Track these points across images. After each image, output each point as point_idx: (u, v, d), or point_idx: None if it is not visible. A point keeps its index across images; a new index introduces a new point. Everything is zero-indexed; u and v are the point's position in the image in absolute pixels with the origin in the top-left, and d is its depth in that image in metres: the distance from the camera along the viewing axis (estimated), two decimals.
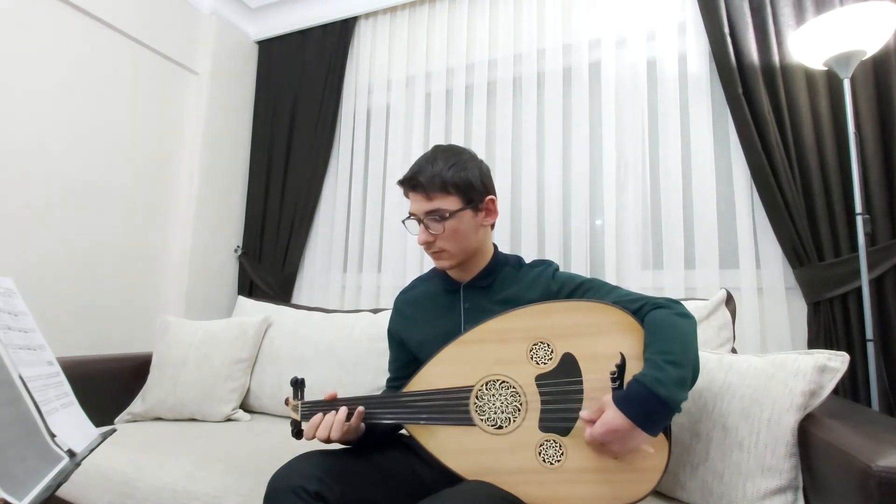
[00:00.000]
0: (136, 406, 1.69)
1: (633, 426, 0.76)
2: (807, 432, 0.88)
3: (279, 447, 1.33)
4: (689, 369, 0.80)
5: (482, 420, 0.89)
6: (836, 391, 1.39)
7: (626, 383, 0.80)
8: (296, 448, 1.31)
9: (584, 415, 0.82)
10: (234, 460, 1.20)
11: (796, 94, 1.57)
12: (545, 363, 0.88)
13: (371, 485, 0.90)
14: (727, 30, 1.65)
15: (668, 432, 0.82)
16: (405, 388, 0.96)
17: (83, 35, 1.94)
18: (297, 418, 0.99)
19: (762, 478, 0.89)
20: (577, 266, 1.84)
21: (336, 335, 1.73)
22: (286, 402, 1.03)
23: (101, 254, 2.00)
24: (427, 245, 1.00)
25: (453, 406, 0.91)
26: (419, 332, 1.07)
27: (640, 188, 1.80)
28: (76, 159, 1.91)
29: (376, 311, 1.80)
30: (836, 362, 0.90)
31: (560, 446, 0.84)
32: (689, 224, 1.74)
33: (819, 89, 1.55)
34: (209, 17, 2.41)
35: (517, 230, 1.99)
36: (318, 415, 0.93)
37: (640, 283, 1.75)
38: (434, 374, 0.94)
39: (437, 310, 1.07)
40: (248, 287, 2.44)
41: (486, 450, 0.87)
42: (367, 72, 2.38)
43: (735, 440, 0.94)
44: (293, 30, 2.52)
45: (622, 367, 0.83)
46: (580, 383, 0.85)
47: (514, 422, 0.87)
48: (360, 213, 2.33)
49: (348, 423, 0.91)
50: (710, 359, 1.07)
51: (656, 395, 0.75)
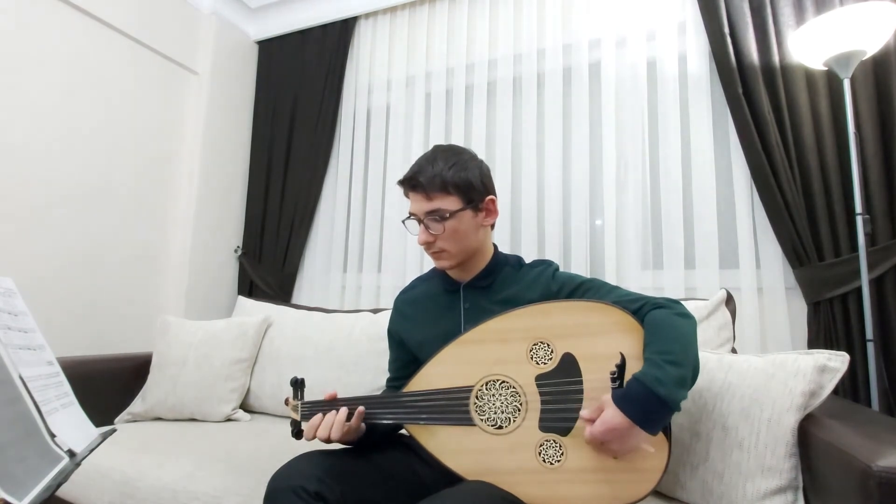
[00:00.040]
0: (136, 406, 1.69)
1: (632, 425, 0.76)
2: (807, 432, 0.88)
3: (279, 447, 1.33)
4: (688, 369, 0.80)
5: (482, 420, 0.89)
6: (836, 391, 1.39)
7: (626, 382, 0.80)
8: (296, 448, 1.31)
9: (584, 414, 0.82)
10: (234, 460, 1.20)
11: (796, 94, 1.57)
12: (545, 363, 0.88)
13: (371, 485, 0.90)
14: (727, 30, 1.65)
15: (668, 432, 0.82)
16: (405, 388, 0.96)
17: (83, 35, 1.94)
18: (297, 418, 0.99)
19: (762, 478, 0.89)
20: (577, 266, 1.84)
21: (336, 335, 1.73)
22: (286, 402, 1.03)
23: (102, 254, 2.00)
24: (427, 245, 1.00)
25: (453, 406, 0.91)
26: (419, 332, 1.07)
27: (640, 188, 1.80)
28: (76, 159, 1.91)
29: (376, 311, 1.80)
30: (836, 362, 0.90)
31: (560, 446, 0.84)
32: (689, 224, 1.74)
33: (819, 89, 1.55)
34: (209, 17, 2.41)
35: (517, 230, 1.99)
36: (318, 415, 0.93)
37: (640, 283, 1.75)
38: (434, 374, 0.94)
39: (437, 310, 1.07)
40: (248, 287, 2.44)
41: (486, 450, 0.87)
42: (367, 72, 2.38)
43: (735, 440, 0.94)
44: (293, 30, 2.52)
45: (622, 367, 0.83)
46: (580, 383, 0.85)
47: (514, 422, 0.87)
48: (360, 213, 2.33)
49: (348, 424, 0.91)
50: (710, 359, 1.07)
51: (656, 394, 0.75)
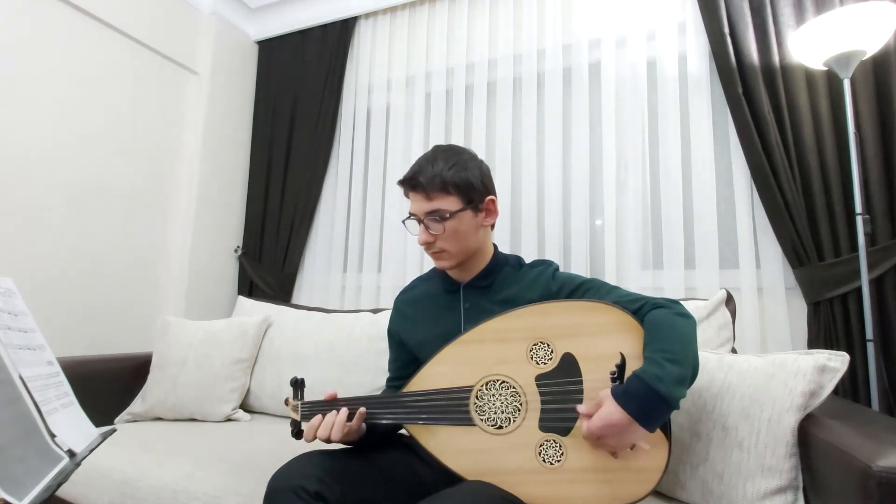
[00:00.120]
0: (136, 406, 1.69)
1: (631, 421, 0.76)
2: (807, 432, 0.88)
3: (279, 447, 1.33)
4: (688, 368, 0.80)
5: (482, 420, 0.89)
6: (836, 391, 1.39)
7: (626, 379, 0.80)
8: (296, 448, 1.31)
9: (581, 409, 0.81)
10: (234, 460, 1.20)
11: (796, 94, 1.57)
12: (545, 363, 0.88)
13: (371, 485, 0.89)
14: (727, 30, 1.65)
15: (668, 432, 0.82)
16: (405, 388, 0.96)
17: (83, 35, 1.94)
18: (297, 418, 0.99)
19: (762, 478, 0.89)
20: (577, 266, 1.84)
21: (336, 335, 1.73)
22: (286, 402, 1.03)
23: (102, 254, 2.00)
24: (427, 245, 1.00)
25: (453, 406, 0.91)
26: (419, 332, 1.07)
27: (640, 188, 1.80)
28: (76, 159, 1.91)
29: (376, 311, 1.80)
30: (836, 362, 0.90)
31: (560, 446, 0.84)
32: (689, 224, 1.74)
33: (819, 89, 1.55)
34: (209, 17, 2.41)
35: (517, 230, 1.99)
36: (318, 416, 0.93)
37: (640, 283, 1.75)
38: (434, 374, 0.94)
39: (437, 310, 1.07)
40: (248, 287, 2.44)
41: (486, 450, 0.87)
42: (367, 72, 2.38)
43: (735, 440, 0.94)
44: (293, 30, 2.52)
45: (622, 367, 0.83)
46: (580, 383, 0.85)
47: (514, 422, 0.87)
48: (360, 213, 2.33)
49: (349, 424, 0.91)
50: (710, 359, 1.07)
51: (656, 391, 0.75)
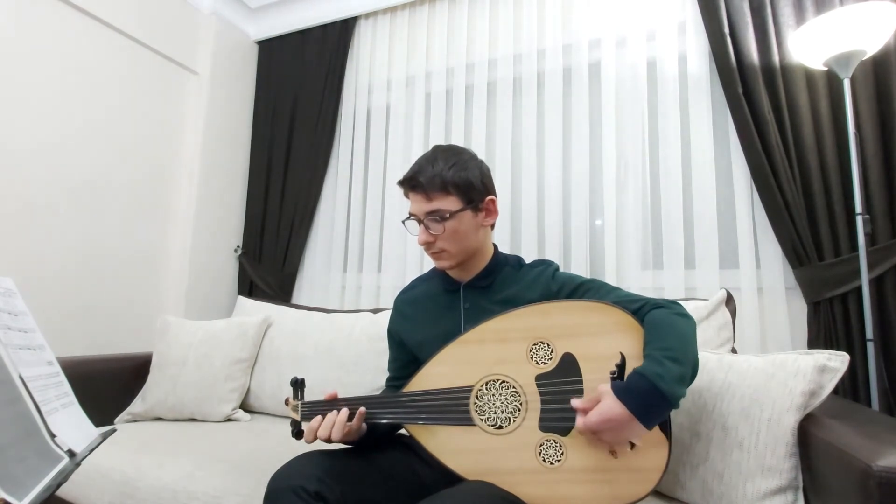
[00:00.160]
0: (136, 406, 1.69)
1: (631, 417, 0.76)
2: (807, 432, 0.88)
3: (279, 447, 1.33)
4: (688, 367, 0.80)
5: (482, 420, 0.89)
6: (836, 391, 1.39)
7: (627, 376, 0.80)
8: (296, 448, 1.31)
9: (577, 403, 0.81)
10: (234, 460, 1.20)
11: (796, 94, 1.57)
12: (545, 363, 0.88)
13: (371, 485, 0.90)
14: (727, 30, 1.65)
15: (668, 432, 0.82)
16: (405, 388, 0.96)
17: (83, 35, 1.94)
18: (297, 418, 0.99)
19: (762, 478, 0.89)
20: (577, 266, 1.84)
21: (336, 335, 1.73)
22: (286, 402, 1.03)
23: (102, 254, 2.00)
24: (427, 245, 1.00)
25: (453, 406, 0.91)
26: (419, 332, 1.07)
27: (640, 188, 1.80)
28: (76, 159, 1.91)
29: (376, 311, 1.80)
30: (836, 362, 0.90)
31: (560, 446, 0.84)
32: (689, 224, 1.74)
33: (819, 89, 1.55)
34: (209, 17, 2.41)
35: (517, 230, 1.99)
36: (318, 418, 0.93)
37: (640, 283, 1.75)
38: (434, 374, 0.94)
39: (437, 310, 1.07)
40: (248, 287, 2.44)
41: (486, 450, 0.87)
42: (367, 72, 2.38)
43: (735, 440, 0.94)
44: (293, 30, 2.52)
45: (622, 367, 0.83)
46: (580, 383, 0.85)
47: (514, 422, 0.87)
48: (360, 213, 2.33)
49: (349, 424, 0.91)
50: (710, 359, 1.07)
51: (658, 389, 0.75)
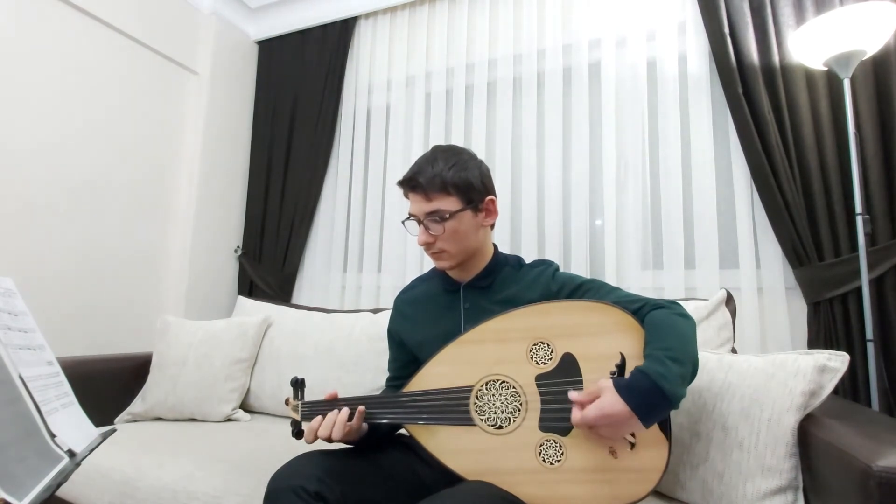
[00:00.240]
0: (136, 406, 1.69)
1: (631, 415, 0.75)
2: (807, 432, 0.88)
3: (279, 447, 1.33)
4: (688, 367, 0.80)
5: (482, 420, 0.89)
6: (836, 391, 1.39)
7: (630, 373, 0.80)
8: (296, 448, 1.31)
9: (574, 396, 0.80)
10: (234, 460, 1.20)
11: (796, 94, 1.57)
12: (545, 363, 0.88)
13: (371, 485, 0.90)
14: (727, 30, 1.65)
15: (668, 432, 0.82)
16: (405, 388, 0.96)
17: (83, 35, 1.94)
18: (297, 418, 0.99)
19: (762, 478, 0.89)
20: (577, 266, 1.84)
21: (336, 335, 1.73)
22: (286, 402, 1.03)
23: (102, 254, 2.00)
24: (427, 246, 1.00)
25: (453, 406, 0.91)
26: (419, 332, 1.07)
27: (640, 188, 1.80)
28: (76, 159, 1.91)
29: (376, 311, 1.80)
30: (836, 362, 0.90)
31: (560, 446, 0.84)
32: (689, 224, 1.74)
33: (819, 89, 1.55)
34: (209, 17, 2.41)
35: (517, 230, 1.99)
36: (318, 418, 0.93)
37: (640, 283, 1.75)
38: (434, 374, 0.94)
39: (437, 310, 1.07)
40: (248, 287, 2.44)
41: (486, 450, 0.87)
42: (367, 72, 2.38)
43: (735, 440, 0.94)
44: (293, 30, 2.52)
45: (622, 367, 0.83)
46: (580, 383, 0.85)
47: (514, 422, 0.87)
48: (360, 213, 2.33)
49: (349, 424, 0.91)
50: (710, 359, 1.07)
51: (660, 388, 0.75)
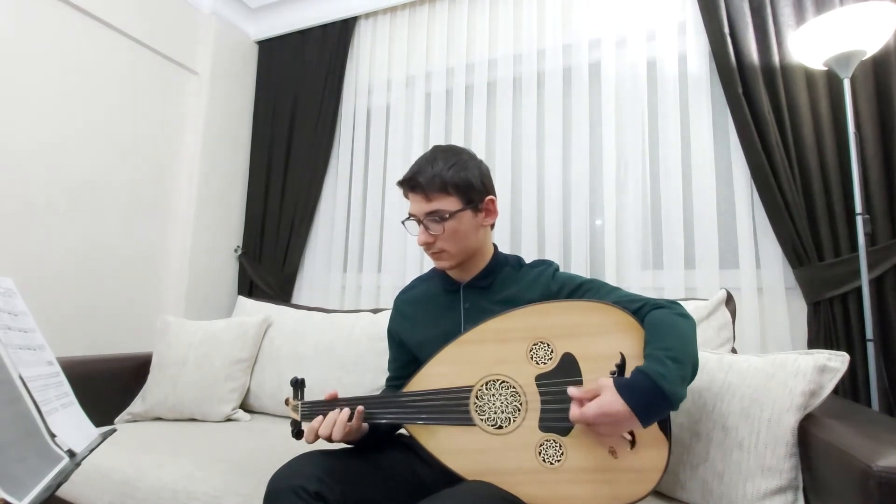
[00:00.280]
0: (136, 406, 1.69)
1: (630, 414, 0.75)
2: (807, 432, 0.88)
3: (279, 447, 1.33)
4: (689, 367, 0.80)
5: (482, 420, 0.89)
6: (836, 391, 1.39)
7: (630, 373, 0.80)
8: (296, 448, 1.31)
9: (574, 392, 0.80)
10: (234, 460, 1.20)
11: (796, 94, 1.57)
12: (545, 363, 0.88)
13: (371, 485, 0.90)
14: (727, 30, 1.65)
15: (668, 432, 0.82)
16: (405, 388, 0.96)
17: (83, 35, 1.94)
18: (297, 418, 0.99)
19: (762, 478, 0.89)
20: (577, 266, 1.84)
21: (336, 335, 1.73)
22: (286, 402, 1.03)
23: (102, 254, 2.00)
24: (427, 246, 1.00)
25: (453, 406, 0.91)
26: (419, 332, 1.07)
27: (640, 188, 1.80)
28: (76, 159, 1.91)
29: (376, 311, 1.80)
30: (836, 362, 0.90)
31: (560, 446, 0.84)
32: (689, 224, 1.74)
33: (819, 89, 1.55)
34: (209, 17, 2.41)
35: (517, 230, 1.99)
36: (318, 418, 0.93)
37: (640, 283, 1.75)
38: (434, 374, 0.94)
39: (436, 310, 1.07)
40: (248, 287, 2.44)
41: (486, 450, 0.87)
42: (367, 72, 2.38)
43: (735, 440, 0.94)
44: (293, 30, 2.52)
45: (622, 367, 0.83)
46: (580, 383, 0.85)
47: (514, 422, 0.87)
48: (360, 213, 2.33)
49: (349, 424, 0.91)
50: (710, 359, 1.07)
51: (660, 388, 0.75)
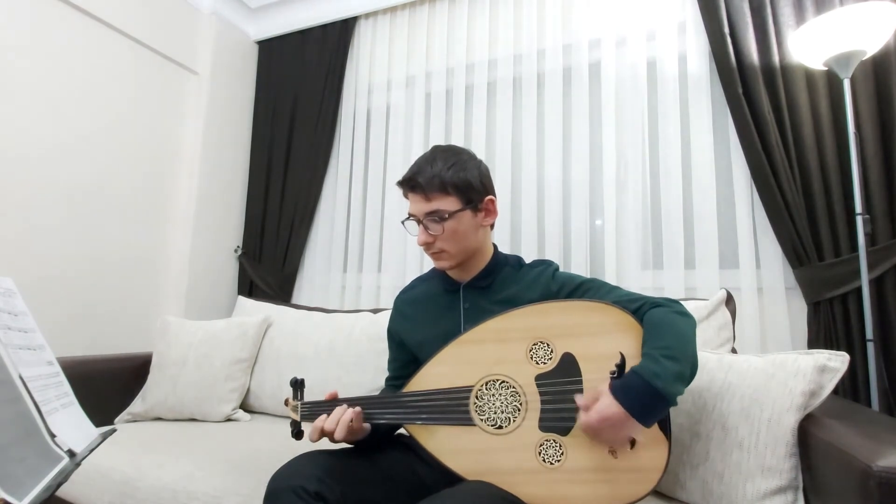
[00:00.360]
0: (136, 406, 1.69)
1: (627, 416, 0.76)
2: (807, 432, 0.88)
3: (279, 447, 1.33)
4: (686, 365, 0.80)
5: (482, 420, 0.89)
6: (836, 391, 1.39)
7: (624, 375, 0.80)
8: (296, 448, 1.31)
9: (579, 399, 0.81)
10: (234, 460, 1.20)
11: (796, 94, 1.57)
12: (545, 363, 0.88)
13: (371, 485, 0.90)
14: (727, 30, 1.65)
15: (668, 432, 0.82)
16: (405, 388, 0.96)
17: (83, 35, 1.94)
18: (297, 419, 0.99)
19: (762, 478, 0.89)
20: (577, 266, 1.84)
21: (336, 335, 1.73)
22: (286, 402, 1.03)
23: (102, 254, 2.00)
24: (427, 246, 1.00)
25: (453, 406, 0.91)
26: (419, 332, 1.07)
27: (640, 188, 1.80)
28: (76, 159, 1.91)
29: (376, 311, 1.80)
30: (836, 362, 0.90)
31: (560, 446, 0.84)
32: (689, 224, 1.74)
33: (819, 89, 1.54)
34: (209, 17, 2.41)
35: (517, 230, 1.99)
36: (322, 416, 0.93)
37: (640, 283, 1.75)
38: (434, 374, 0.94)
39: (436, 310, 1.07)
40: (248, 287, 2.44)
41: (486, 450, 0.88)
42: (367, 72, 2.38)
43: (735, 440, 0.94)
44: (293, 30, 2.52)
45: (622, 367, 0.83)
46: (580, 383, 0.85)
47: (514, 422, 0.87)
48: (360, 213, 2.33)
49: (350, 424, 0.91)
50: (710, 359, 1.07)
51: (653, 387, 0.75)
